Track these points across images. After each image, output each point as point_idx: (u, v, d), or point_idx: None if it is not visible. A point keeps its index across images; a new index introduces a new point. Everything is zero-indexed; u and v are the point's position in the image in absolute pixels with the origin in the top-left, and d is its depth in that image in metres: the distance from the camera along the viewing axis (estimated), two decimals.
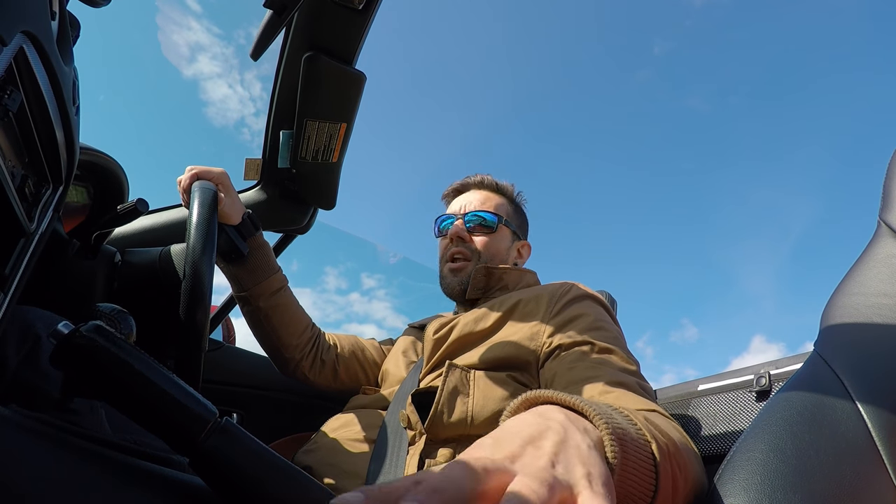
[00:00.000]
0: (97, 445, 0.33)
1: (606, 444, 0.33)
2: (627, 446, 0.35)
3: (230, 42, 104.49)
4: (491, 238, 0.96)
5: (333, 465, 0.69)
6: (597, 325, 0.74)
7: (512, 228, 1.00)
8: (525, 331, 0.75)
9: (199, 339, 0.54)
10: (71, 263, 0.73)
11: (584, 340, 0.70)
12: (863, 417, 0.38)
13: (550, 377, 0.70)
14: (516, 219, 1.02)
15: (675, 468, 0.40)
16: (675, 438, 0.45)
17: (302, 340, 0.96)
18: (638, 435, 0.38)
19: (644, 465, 0.36)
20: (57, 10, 0.45)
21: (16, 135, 0.41)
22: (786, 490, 0.33)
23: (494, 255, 0.96)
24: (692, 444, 0.52)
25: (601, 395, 0.61)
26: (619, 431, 0.35)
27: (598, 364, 0.66)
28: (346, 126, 1.03)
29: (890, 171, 0.54)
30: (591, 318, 0.75)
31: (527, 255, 1.02)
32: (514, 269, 0.95)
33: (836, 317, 0.48)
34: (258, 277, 0.90)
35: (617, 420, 0.36)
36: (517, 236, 1.01)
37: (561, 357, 0.70)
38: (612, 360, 0.67)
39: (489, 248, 0.95)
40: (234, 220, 0.83)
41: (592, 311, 0.77)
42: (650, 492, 0.36)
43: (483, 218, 0.97)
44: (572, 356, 0.69)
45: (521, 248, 1.01)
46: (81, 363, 0.32)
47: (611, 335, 0.73)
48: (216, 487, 0.33)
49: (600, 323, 0.75)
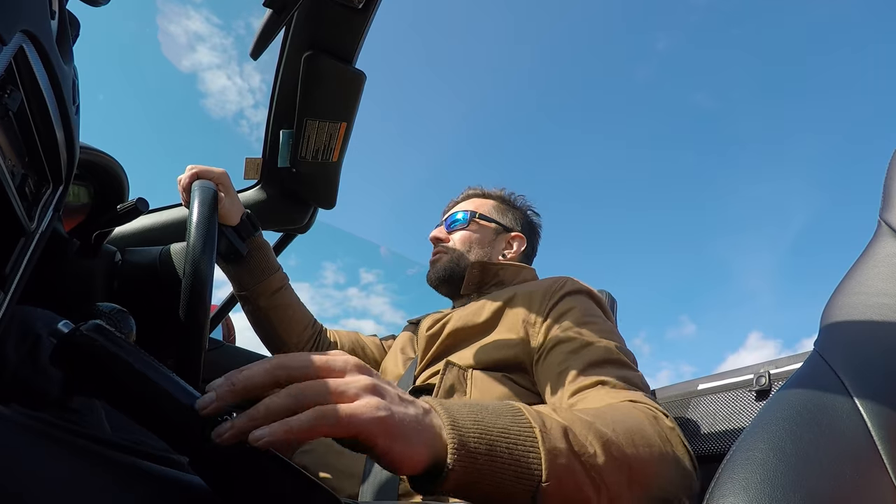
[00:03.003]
0: (97, 445, 0.33)
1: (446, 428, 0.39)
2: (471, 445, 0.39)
3: (229, 32, 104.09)
4: (465, 233, 1.00)
5: (330, 464, 0.69)
6: (585, 320, 0.73)
7: (495, 222, 1.01)
8: (518, 329, 0.75)
9: (199, 338, 0.54)
10: (71, 263, 0.73)
11: (568, 337, 0.70)
12: (863, 417, 0.38)
13: (539, 376, 0.70)
14: (503, 214, 1.04)
15: (586, 466, 0.44)
16: (620, 437, 0.48)
17: (302, 339, 0.97)
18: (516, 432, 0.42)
19: (508, 459, 0.40)
20: (56, 9, 0.45)
21: (16, 134, 0.41)
22: (785, 489, 0.33)
23: (473, 245, 0.99)
24: (673, 445, 0.52)
25: (577, 391, 0.63)
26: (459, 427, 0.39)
27: (578, 360, 0.66)
28: (346, 125, 1.03)
29: (890, 170, 0.54)
30: (580, 312, 0.75)
31: (518, 245, 1.02)
32: (511, 265, 0.95)
33: (836, 316, 0.48)
34: (258, 277, 0.91)
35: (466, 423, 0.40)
36: (504, 228, 1.02)
37: (547, 354, 0.70)
38: (593, 355, 0.67)
39: (464, 240, 0.99)
40: (232, 221, 0.84)
41: (582, 306, 0.77)
42: (523, 480, 0.40)
43: (455, 218, 1.02)
44: (556, 353, 0.69)
45: (510, 239, 1.02)
46: (81, 362, 0.32)
47: (598, 328, 0.72)
48: (216, 487, 0.34)
49: (588, 318, 0.74)
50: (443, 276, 0.96)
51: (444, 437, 0.38)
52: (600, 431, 0.48)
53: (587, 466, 0.44)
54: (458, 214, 1.02)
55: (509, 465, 0.40)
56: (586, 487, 0.43)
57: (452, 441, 0.38)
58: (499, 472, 0.40)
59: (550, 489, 0.41)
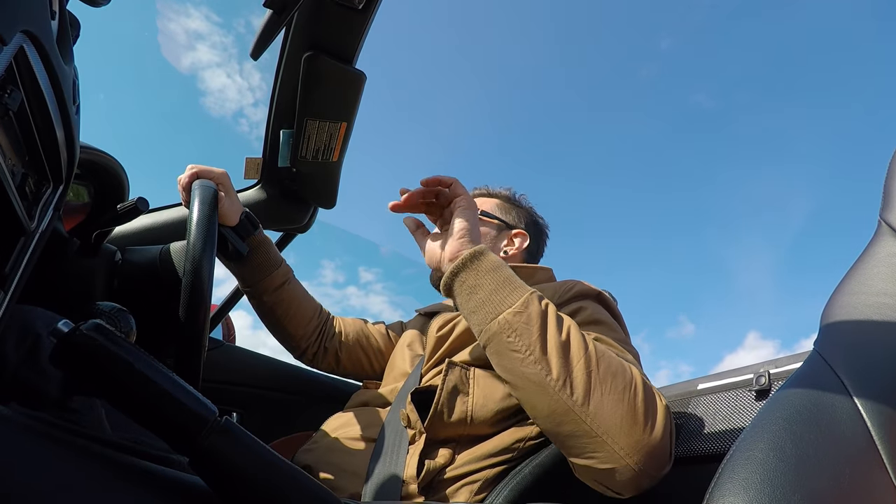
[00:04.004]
0: (97, 444, 0.33)
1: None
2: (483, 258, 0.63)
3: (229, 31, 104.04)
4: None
5: (333, 464, 0.69)
6: (595, 321, 0.74)
7: (497, 219, 1.02)
8: None
9: (199, 337, 0.54)
10: (71, 262, 0.73)
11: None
12: (862, 417, 0.38)
13: None
14: (507, 212, 1.04)
15: (546, 336, 0.56)
16: (596, 357, 0.56)
17: (307, 330, 0.99)
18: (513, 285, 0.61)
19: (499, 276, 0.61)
20: (57, 9, 0.45)
21: (16, 134, 0.41)
22: (785, 489, 0.33)
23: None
24: (656, 413, 0.55)
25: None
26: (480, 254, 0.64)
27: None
28: (346, 125, 1.03)
29: (890, 170, 0.54)
30: (586, 314, 0.75)
31: (521, 242, 1.02)
32: (525, 267, 0.95)
33: (836, 316, 0.48)
34: (261, 274, 0.91)
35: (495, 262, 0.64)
36: (506, 226, 1.02)
37: None
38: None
39: None
40: (232, 222, 0.84)
41: (591, 308, 0.77)
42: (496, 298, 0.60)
43: None
44: None
45: (512, 237, 1.02)
46: (81, 362, 0.32)
47: (605, 329, 0.73)
48: (216, 487, 0.33)
49: (594, 320, 0.74)
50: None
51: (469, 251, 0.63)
52: (582, 334, 0.59)
53: (547, 331, 0.57)
54: None
55: (497, 282, 0.60)
56: (535, 344, 0.56)
57: (480, 247, 0.64)
58: (488, 279, 0.61)
59: (511, 321, 0.57)
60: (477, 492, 0.65)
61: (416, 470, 0.63)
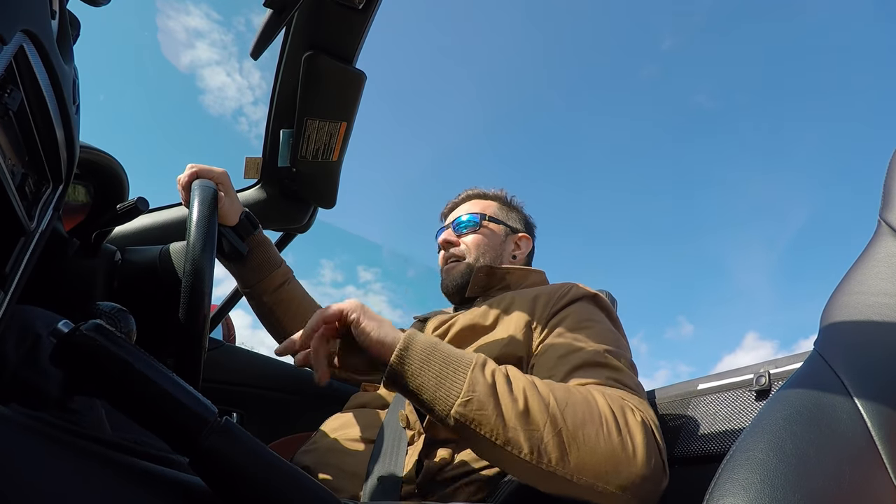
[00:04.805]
0: (97, 445, 0.33)
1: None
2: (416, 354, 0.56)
3: (229, 29, 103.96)
4: (478, 235, 0.98)
5: (332, 464, 0.69)
6: (581, 325, 0.73)
7: (502, 223, 1.01)
8: (520, 331, 0.75)
9: (199, 337, 0.54)
10: (71, 262, 0.73)
11: (560, 342, 0.70)
12: (863, 417, 0.38)
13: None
14: (508, 215, 1.04)
15: (502, 407, 0.53)
16: (557, 402, 0.54)
17: None
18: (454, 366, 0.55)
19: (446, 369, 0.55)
20: (57, 9, 0.45)
21: (16, 133, 0.41)
22: (785, 489, 0.33)
23: (487, 249, 0.97)
24: (632, 438, 0.54)
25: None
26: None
27: (565, 364, 0.66)
28: (346, 125, 1.03)
29: (890, 170, 0.54)
30: (578, 317, 0.74)
31: (525, 246, 1.02)
32: (519, 269, 0.95)
33: (836, 316, 0.48)
34: (260, 274, 0.91)
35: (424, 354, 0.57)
36: (511, 230, 1.02)
37: (538, 359, 0.70)
38: (579, 359, 0.66)
39: (479, 244, 0.98)
40: (231, 222, 0.84)
41: (584, 310, 0.77)
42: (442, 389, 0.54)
43: (464, 220, 1.00)
44: (546, 358, 0.69)
45: (517, 241, 1.02)
46: (81, 362, 0.32)
47: (593, 332, 0.72)
48: (216, 487, 0.33)
49: (585, 322, 0.74)
50: (460, 284, 0.94)
51: (399, 340, 0.57)
52: (538, 390, 0.55)
53: (503, 408, 0.53)
54: (466, 217, 1.01)
55: (436, 375, 0.55)
56: (496, 427, 0.52)
57: (402, 343, 0.56)
58: (426, 376, 0.55)
59: (465, 413, 0.52)
60: (476, 492, 0.65)
61: (416, 470, 0.63)
